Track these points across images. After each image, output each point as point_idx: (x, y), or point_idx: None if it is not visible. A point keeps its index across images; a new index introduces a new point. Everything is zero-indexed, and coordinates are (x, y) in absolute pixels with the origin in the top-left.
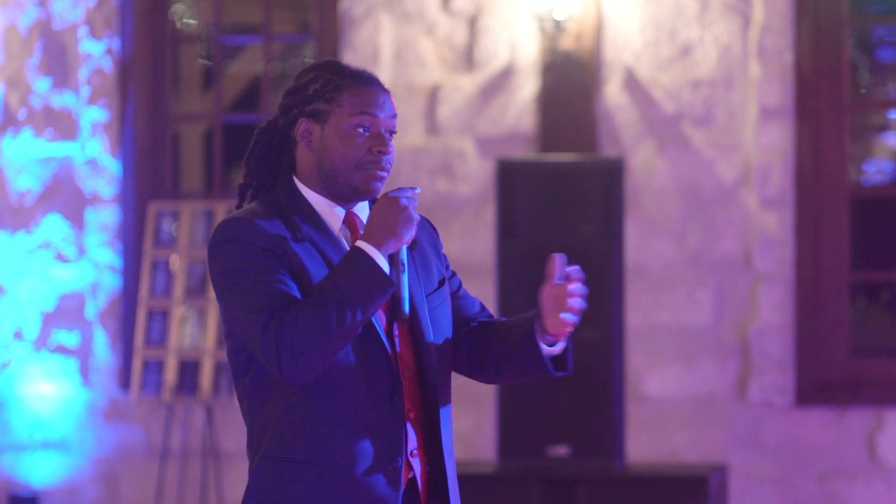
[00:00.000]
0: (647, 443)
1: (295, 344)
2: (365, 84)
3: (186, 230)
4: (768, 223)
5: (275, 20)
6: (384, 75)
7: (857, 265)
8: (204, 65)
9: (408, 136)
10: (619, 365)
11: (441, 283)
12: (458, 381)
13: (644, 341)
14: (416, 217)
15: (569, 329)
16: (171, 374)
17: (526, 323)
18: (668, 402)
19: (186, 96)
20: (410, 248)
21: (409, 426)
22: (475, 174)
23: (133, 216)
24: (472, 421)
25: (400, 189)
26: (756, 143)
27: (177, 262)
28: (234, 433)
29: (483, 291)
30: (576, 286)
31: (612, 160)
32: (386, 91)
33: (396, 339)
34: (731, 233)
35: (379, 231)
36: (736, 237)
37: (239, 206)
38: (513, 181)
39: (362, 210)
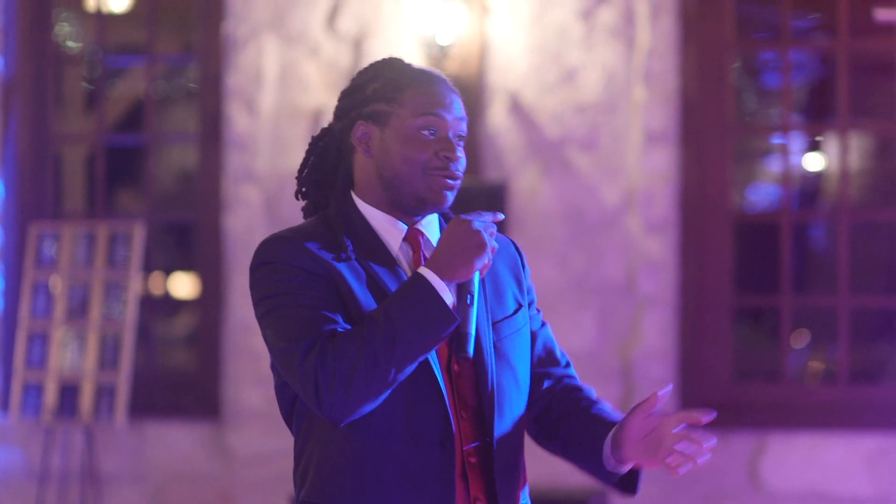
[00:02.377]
0: (529, 464)
1: (336, 377)
2: (430, 82)
3: (68, 251)
4: (652, 247)
5: (159, 41)
6: (267, 98)
7: (740, 289)
8: (87, 86)
9: (291, 158)
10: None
11: (516, 310)
12: None
13: None
14: (491, 244)
15: (656, 467)
16: (50, 396)
17: (600, 433)
18: None
19: (69, 117)
20: (490, 259)
21: (468, 474)
22: None
23: (14, 237)
24: None
25: (478, 213)
26: (640, 168)
27: (57, 283)
28: (113, 457)
29: None
30: (703, 441)
31: (495, 183)
32: (454, 90)
33: (453, 375)
34: (614, 256)
35: (445, 256)
36: (619, 261)
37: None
38: None
39: (429, 226)
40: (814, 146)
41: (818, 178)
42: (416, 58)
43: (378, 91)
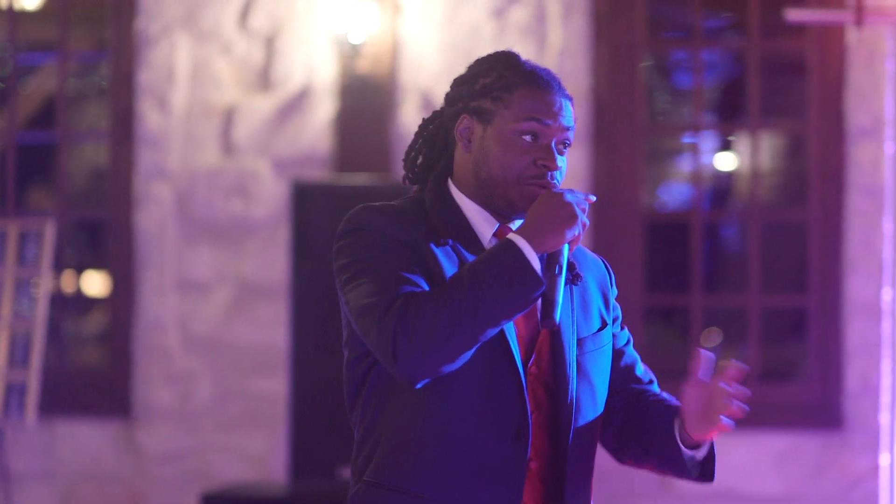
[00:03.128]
0: None
1: (415, 330)
2: (540, 85)
3: None
4: None
5: (71, 38)
6: (179, 95)
7: (651, 288)
8: None
9: (203, 156)
10: None
11: (601, 328)
12: (250, 399)
13: None
14: (583, 219)
15: (718, 434)
16: None
17: (668, 417)
18: None
19: None
20: (572, 281)
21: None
22: (270, 195)
23: None
24: (264, 441)
25: (571, 189)
26: None
27: None
28: (23, 455)
29: (277, 313)
30: (733, 385)
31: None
32: (566, 96)
33: (530, 377)
34: None
35: (536, 224)
36: None
37: None
38: (308, 202)
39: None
40: (725, 146)
41: (729, 177)
42: (328, 56)
43: (487, 87)
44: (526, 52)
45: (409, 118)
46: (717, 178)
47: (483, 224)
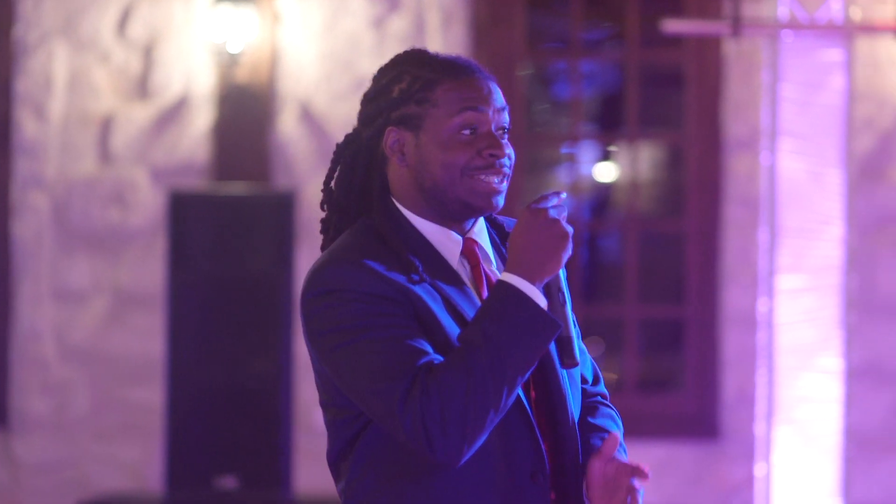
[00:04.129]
0: (317, 474)
1: (447, 419)
2: (463, 74)
3: None
4: None
5: None
6: (57, 104)
7: None
8: None
9: (80, 165)
10: (288, 395)
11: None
12: (127, 408)
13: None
14: (571, 230)
15: None
16: None
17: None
18: None
19: None
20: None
21: None
22: (148, 204)
23: None
24: (139, 450)
25: (543, 198)
26: None
27: None
28: None
29: (154, 322)
30: (638, 482)
31: (284, 192)
32: (490, 77)
33: (531, 403)
34: None
35: (527, 255)
36: None
37: (325, 247)
38: (185, 212)
39: (481, 234)
40: (604, 156)
41: (608, 188)
42: (206, 65)
43: (406, 91)
44: None
45: (288, 127)
46: (596, 188)
47: (447, 245)
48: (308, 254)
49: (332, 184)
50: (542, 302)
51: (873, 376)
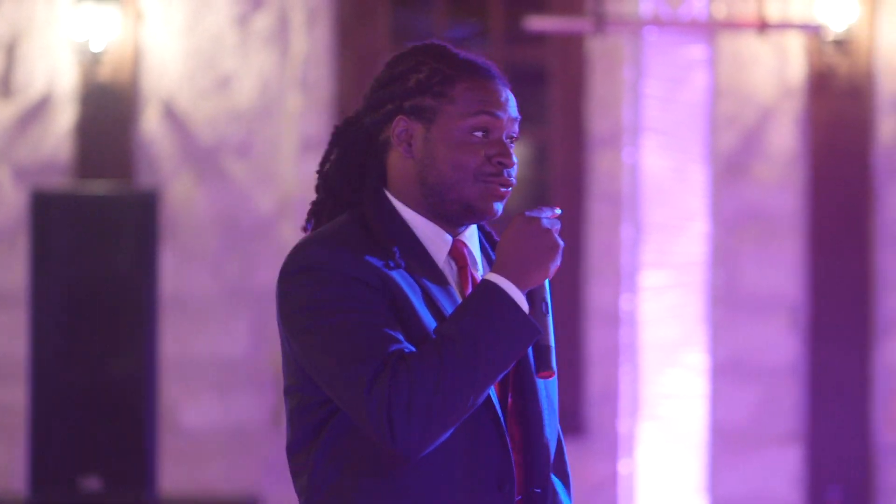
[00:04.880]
0: (182, 474)
1: (413, 406)
2: (484, 76)
3: None
4: None
5: None
6: None
7: None
8: None
9: None
10: (153, 395)
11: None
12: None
13: (180, 372)
14: (562, 244)
15: None
16: None
17: None
18: (204, 433)
19: None
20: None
21: None
22: (9, 203)
23: None
24: (3, 452)
25: (537, 209)
26: (295, 175)
27: None
28: None
29: (17, 322)
30: None
31: (147, 191)
32: (507, 85)
33: (506, 413)
34: (269, 264)
35: (515, 260)
36: (274, 268)
37: (306, 229)
38: (48, 211)
39: (471, 239)
40: None
41: None
42: (69, 64)
43: (423, 82)
44: (270, 60)
45: (151, 125)
46: None
47: (436, 243)
48: (173, 252)
49: (327, 168)
50: (525, 305)
51: (738, 372)
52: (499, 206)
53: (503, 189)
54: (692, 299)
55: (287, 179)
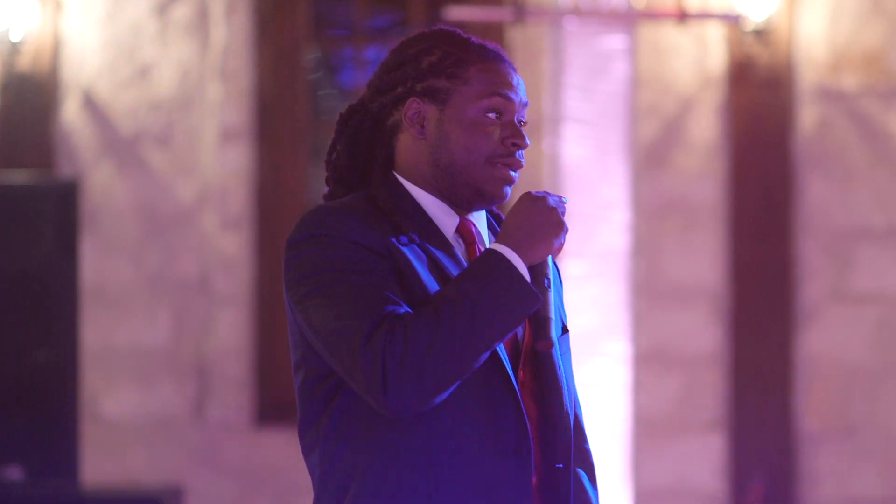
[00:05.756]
0: (105, 464)
1: (407, 361)
2: (496, 59)
3: None
4: (227, 245)
5: None
6: None
7: None
8: None
9: None
10: (74, 385)
11: (564, 329)
12: None
13: (101, 362)
14: (567, 225)
15: None
16: None
17: None
18: (126, 422)
19: None
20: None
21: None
22: None
23: None
24: None
25: (545, 192)
26: (215, 165)
27: None
28: None
29: None
30: None
31: (67, 181)
32: (516, 70)
33: (519, 383)
34: (189, 254)
35: (521, 232)
36: (194, 258)
37: None
38: None
39: (479, 221)
40: None
41: None
42: None
43: (436, 65)
44: (189, 50)
45: (71, 116)
46: None
47: (443, 217)
48: (94, 242)
49: (335, 156)
50: (526, 273)
51: (660, 361)
52: (508, 190)
53: (513, 173)
54: (613, 288)
55: (207, 169)
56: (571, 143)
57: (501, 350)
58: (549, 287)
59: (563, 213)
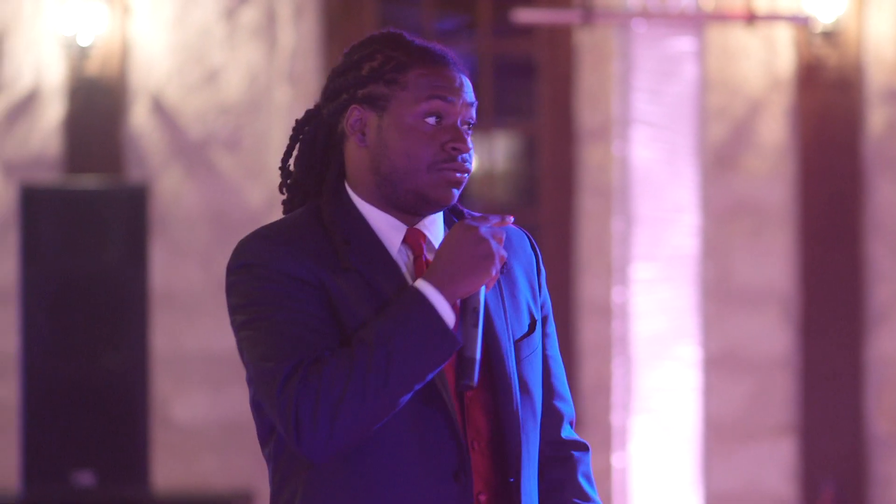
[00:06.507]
0: (175, 469)
1: (319, 409)
2: (437, 62)
3: None
4: None
5: None
6: None
7: None
8: None
9: None
10: (144, 390)
11: (532, 326)
12: None
13: (171, 366)
14: (500, 252)
15: None
16: None
17: None
18: (196, 427)
19: None
20: (500, 270)
21: None
22: None
23: None
24: None
25: (483, 217)
26: None
27: None
28: None
29: (7, 318)
30: None
31: (136, 185)
32: (463, 71)
33: (465, 401)
34: None
35: (447, 267)
36: None
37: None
38: (37, 206)
39: (433, 226)
40: None
41: None
42: (56, 58)
43: (377, 70)
44: (257, 53)
45: (140, 120)
46: None
47: (390, 232)
48: (163, 247)
49: (291, 163)
50: (449, 315)
51: (730, 365)
52: (454, 193)
53: (458, 175)
54: (683, 292)
55: (275, 172)
56: (640, 146)
57: (441, 372)
58: (477, 325)
59: (500, 240)
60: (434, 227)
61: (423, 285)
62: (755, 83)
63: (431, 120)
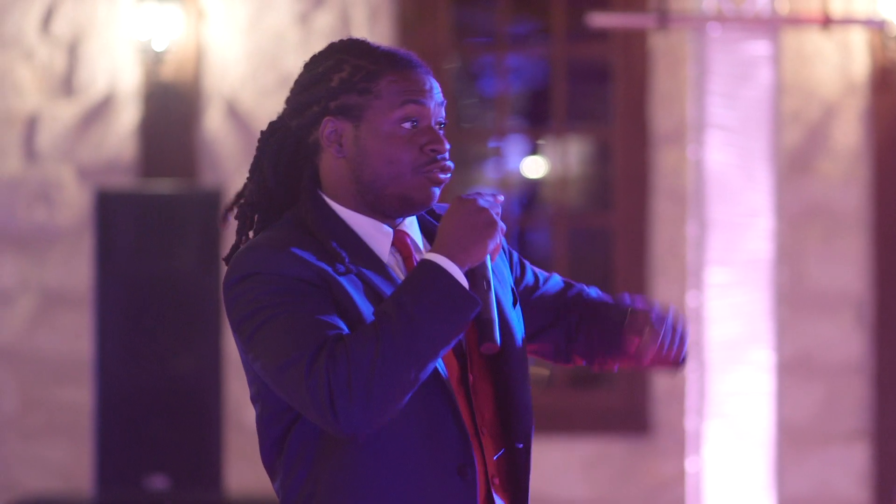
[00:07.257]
0: (249, 473)
1: (353, 382)
2: (405, 66)
3: None
4: None
5: None
6: None
7: None
8: None
9: (5, 164)
10: (217, 394)
11: (514, 298)
12: (55, 409)
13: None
14: (502, 224)
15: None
16: None
17: (620, 316)
18: None
19: None
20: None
21: (495, 497)
22: (74, 203)
23: None
24: (68, 449)
25: (477, 193)
26: None
27: None
28: None
29: (81, 321)
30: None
31: (210, 189)
32: (429, 72)
33: (470, 389)
34: None
35: (454, 238)
36: None
37: (241, 235)
38: (112, 210)
39: (411, 227)
40: (532, 151)
41: (537, 182)
42: (131, 62)
43: (347, 81)
44: None
45: (214, 124)
46: (524, 183)
47: (377, 237)
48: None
49: (258, 175)
50: (463, 279)
51: (804, 370)
52: (436, 192)
53: (441, 175)
54: (757, 296)
55: None
56: (715, 150)
57: (440, 362)
58: (489, 289)
59: (498, 212)
60: (412, 228)
61: (433, 256)
62: (830, 87)
63: (407, 125)
